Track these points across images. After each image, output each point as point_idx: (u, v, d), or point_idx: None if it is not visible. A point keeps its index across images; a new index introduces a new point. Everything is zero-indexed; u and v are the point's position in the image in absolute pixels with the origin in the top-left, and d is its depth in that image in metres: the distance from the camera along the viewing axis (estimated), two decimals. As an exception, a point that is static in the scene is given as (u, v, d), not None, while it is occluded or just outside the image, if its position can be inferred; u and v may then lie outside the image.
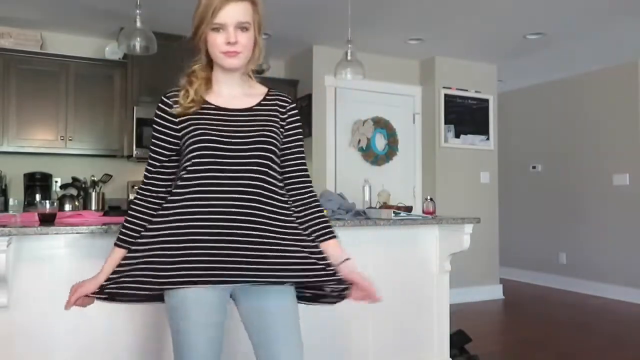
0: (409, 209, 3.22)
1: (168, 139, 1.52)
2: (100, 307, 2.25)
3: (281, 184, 1.53)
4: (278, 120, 1.54)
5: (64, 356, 2.20)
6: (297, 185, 1.58)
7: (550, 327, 4.47)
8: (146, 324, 2.35)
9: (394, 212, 2.90)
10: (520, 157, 6.80)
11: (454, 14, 4.25)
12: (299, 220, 1.54)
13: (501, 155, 5.98)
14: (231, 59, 1.45)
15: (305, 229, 1.54)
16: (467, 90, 5.61)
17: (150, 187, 1.54)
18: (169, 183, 1.53)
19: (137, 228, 1.51)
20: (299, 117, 1.61)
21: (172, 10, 4.10)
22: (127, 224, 1.53)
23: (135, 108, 4.50)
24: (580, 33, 4.67)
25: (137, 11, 2.84)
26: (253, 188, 1.44)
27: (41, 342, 2.16)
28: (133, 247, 1.49)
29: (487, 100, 5.72)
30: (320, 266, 1.48)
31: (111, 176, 4.62)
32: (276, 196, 1.48)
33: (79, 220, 2.26)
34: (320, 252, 1.51)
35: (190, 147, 1.45)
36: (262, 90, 1.60)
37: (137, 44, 2.88)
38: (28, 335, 2.14)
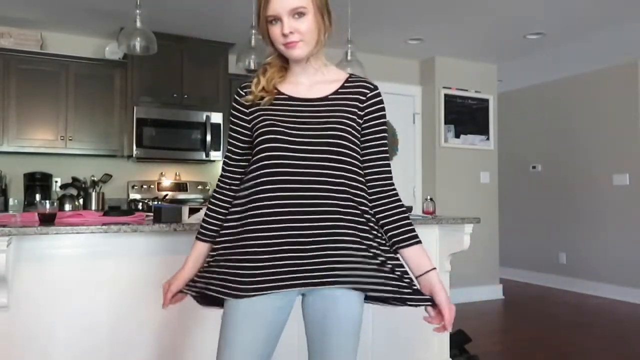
0: (409, 209, 3.21)
1: (241, 130, 1.46)
2: (100, 307, 2.26)
3: (361, 181, 1.40)
4: (356, 110, 1.41)
5: (64, 356, 2.20)
6: (377, 183, 1.43)
7: (550, 327, 4.47)
8: (152, 322, 2.35)
9: (394, 212, 2.89)
10: (520, 157, 6.80)
11: (454, 14, 4.25)
12: (380, 223, 1.42)
13: (501, 155, 5.98)
14: (292, 49, 1.36)
15: (385, 233, 1.42)
16: (467, 90, 5.61)
17: (227, 181, 1.49)
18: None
19: (216, 222, 1.48)
20: (382, 106, 1.45)
21: (172, 10, 4.10)
22: (207, 218, 1.50)
23: (135, 108, 4.51)
24: (580, 33, 4.67)
25: (137, 11, 2.83)
26: (324, 185, 1.34)
27: (41, 342, 2.16)
28: (214, 245, 1.44)
29: (487, 100, 5.72)
30: (395, 277, 1.37)
31: (111, 176, 4.62)
32: (353, 197, 1.36)
33: (79, 220, 2.26)
34: (398, 260, 1.40)
35: (258, 139, 1.38)
36: (341, 76, 1.47)
37: (137, 44, 2.88)
38: (28, 335, 2.14)
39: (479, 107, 5.67)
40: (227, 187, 1.49)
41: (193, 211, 2.46)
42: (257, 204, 1.35)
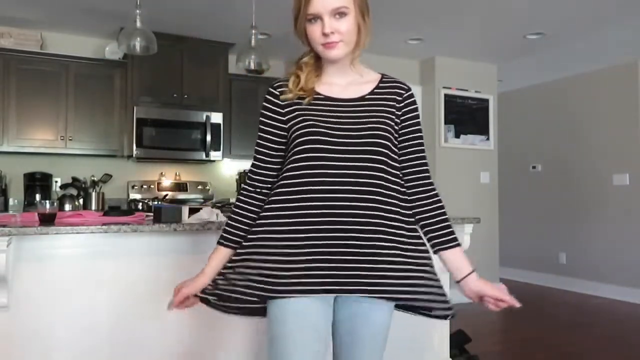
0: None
1: (275, 131, 1.41)
2: (100, 307, 2.26)
3: (401, 182, 1.39)
4: (394, 110, 1.40)
5: (64, 356, 2.20)
6: (417, 183, 1.42)
7: (550, 327, 4.47)
8: (152, 322, 2.35)
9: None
10: (520, 157, 6.80)
11: (454, 14, 4.25)
12: (420, 224, 1.41)
13: (501, 155, 5.98)
14: (331, 50, 1.34)
15: (425, 234, 1.41)
16: (467, 90, 5.61)
17: (257, 184, 1.43)
18: (277, 180, 1.41)
19: (243, 227, 1.42)
20: (416, 106, 1.45)
21: (172, 10, 4.10)
22: (232, 222, 1.44)
23: (135, 108, 4.51)
24: (580, 33, 4.67)
25: (137, 11, 2.83)
26: (367, 187, 1.31)
27: (41, 342, 2.16)
28: (239, 249, 1.40)
29: (487, 100, 5.72)
30: (431, 284, 1.37)
31: (111, 176, 4.62)
32: (393, 199, 1.35)
33: (79, 220, 2.26)
34: (432, 267, 1.39)
35: (297, 141, 1.34)
36: (374, 77, 1.46)
37: (137, 44, 2.88)
38: (28, 335, 2.14)
39: (479, 107, 5.67)
40: (258, 190, 1.44)
41: (193, 211, 2.46)
42: (300, 204, 1.31)
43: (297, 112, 1.37)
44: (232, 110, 4.96)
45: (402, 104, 1.41)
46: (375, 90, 1.42)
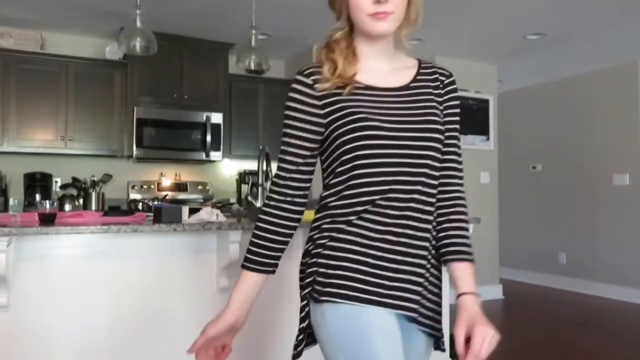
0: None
1: (311, 127, 1.17)
2: (100, 307, 2.26)
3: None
4: (439, 100, 1.23)
5: (64, 356, 2.20)
6: (453, 181, 1.27)
7: (550, 327, 4.47)
8: (152, 322, 2.35)
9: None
10: (520, 157, 6.80)
11: (453, 14, 4.25)
12: (437, 228, 1.22)
13: (501, 155, 5.98)
14: (381, 22, 1.12)
15: (437, 236, 1.22)
16: (467, 90, 5.61)
17: (288, 191, 1.20)
18: (308, 186, 1.21)
19: (274, 245, 1.20)
20: (457, 95, 1.28)
21: (172, 10, 4.10)
22: (260, 241, 1.20)
23: (135, 108, 4.51)
24: (580, 33, 4.67)
25: (137, 11, 2.83)
26: (429, 188, 1.16)
27: (41, 342, 2.16)
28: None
29: (487, 100, 5.72)
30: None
31: (111, 176, 4.62)
32: (432, 208, 1.19)
33: (79, 220, 2.26)
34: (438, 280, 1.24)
35: (346, 137, 1.13)
36: (412, 62, 1.29)
37: (137, 44, 2.88)
38: (28, 335, 2.14)
39: (479, 107, 5.67)
40: (289, 199, 1.20)
41: (193, 211, 2.46)
42: (363, 215, 1.13)
43: (339, 105, 1.14)
44: (232, 110, 4.96)
45: (444, 91, 1.25)
46: (418, 77, 1.23)
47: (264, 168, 2.80)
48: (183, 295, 2.43)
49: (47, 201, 2.20)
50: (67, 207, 4.31)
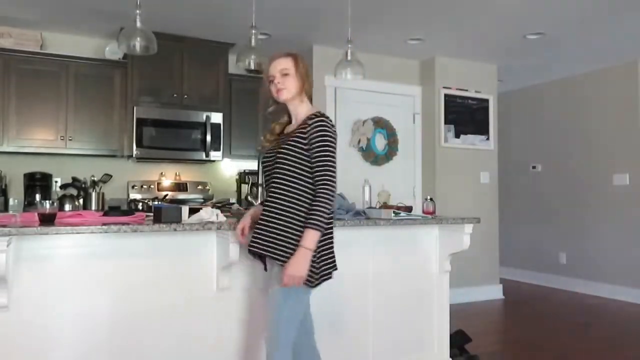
0: (409, 209, 3.22)
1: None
2: (100, 307, 2.26)
3: None
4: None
5: (64, 356, 2.20)
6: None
7: (550, 327, 4.47)
8: (152, 322, 2.35)
9: (394, 212, 2.89)
10: (520, 157, 6.80)
11: (454, 14, 4.25)
12: None
13: (501, 155, 5.98)
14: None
15: None
16: (467, 90, 5.61)
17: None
18: None
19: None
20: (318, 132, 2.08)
21: (172, 10, 4.10)
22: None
23: (135, 108, 4.51)
24: (580, 33, 4.67)
25: (137, 11, 2.83)
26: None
27: (41, 342, 2.16)
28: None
29: (487, 100, 5.72)
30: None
31: (111, 176, 4.61)
32: None
33: (79, 220, 2.26)
34: None
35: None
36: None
37: (137, 44, 2.87)
38: (28, 335, 2.14)
39: (479, 107, 5.67)
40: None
41: (193, 211, 2.46)
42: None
43: None
44: (232, 110, 4.96)
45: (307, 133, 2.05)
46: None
47: (264, 168, 2.80)
48: (183, 295, 2.43)
49: (47, 201, 2.20)
50: (67, 207, 4.31)
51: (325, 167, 1.98)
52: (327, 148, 2.00)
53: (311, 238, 1.95)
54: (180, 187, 4.95)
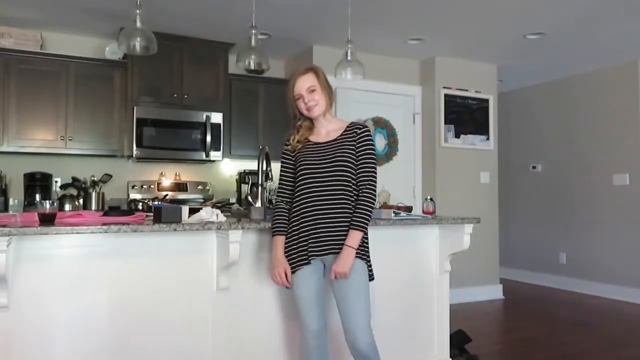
0: (409, 209, 3.22)
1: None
2: (100, 307, 2.26)
3: None
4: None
5: (64, 356, 2.20)
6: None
7: (550, 327, 4.47)
8: (151, 322, 2.35)
9: (394, 212, 2.90)
10: (520, 157, 6.80)
11: (453, 14, 4.25)
12: None
13: (501, 155, 5.98)
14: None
15: None
16: (467, 90, 5.61)
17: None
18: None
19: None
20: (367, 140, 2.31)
21: (172, 10, 4.10)
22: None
23: (135, 108, 4.50)
24: (580, 33, 4.67)
25: (137, 11, 2.83)
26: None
27: (41, 342, 2.17)
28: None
29: (487, 100, 5.72)
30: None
31: (111, 176, 4.62)
32: None
33: (79, 220, 2.26)
34: None
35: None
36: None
37: (137, 44, 2.87)
38: (28, 335, 2.14)
39: (479, 107, 5.67)
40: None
41: (193, 211, 2.46)
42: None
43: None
44: (232, 110, 4.96)
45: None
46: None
47: (264, 168, 2.80)
48: (183, 295, 2.43)
49: (47, 201, 2.20)
50: (67, 207, 4.31)
51: (371, 172, 2.20)
52: (373, 156, 2.24)
53: (357, 238, 2.14)
54: (180, 187, 4.95)
